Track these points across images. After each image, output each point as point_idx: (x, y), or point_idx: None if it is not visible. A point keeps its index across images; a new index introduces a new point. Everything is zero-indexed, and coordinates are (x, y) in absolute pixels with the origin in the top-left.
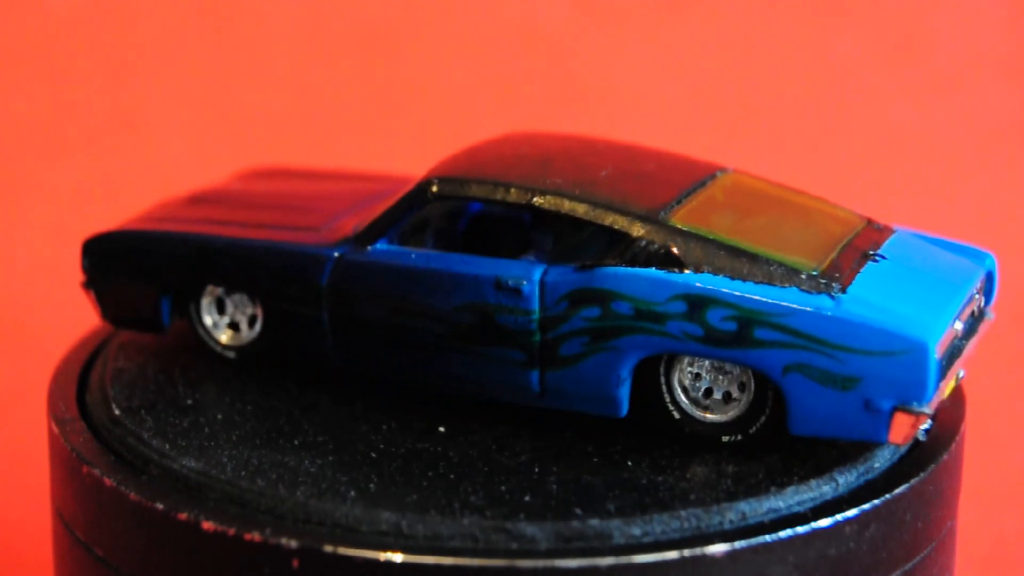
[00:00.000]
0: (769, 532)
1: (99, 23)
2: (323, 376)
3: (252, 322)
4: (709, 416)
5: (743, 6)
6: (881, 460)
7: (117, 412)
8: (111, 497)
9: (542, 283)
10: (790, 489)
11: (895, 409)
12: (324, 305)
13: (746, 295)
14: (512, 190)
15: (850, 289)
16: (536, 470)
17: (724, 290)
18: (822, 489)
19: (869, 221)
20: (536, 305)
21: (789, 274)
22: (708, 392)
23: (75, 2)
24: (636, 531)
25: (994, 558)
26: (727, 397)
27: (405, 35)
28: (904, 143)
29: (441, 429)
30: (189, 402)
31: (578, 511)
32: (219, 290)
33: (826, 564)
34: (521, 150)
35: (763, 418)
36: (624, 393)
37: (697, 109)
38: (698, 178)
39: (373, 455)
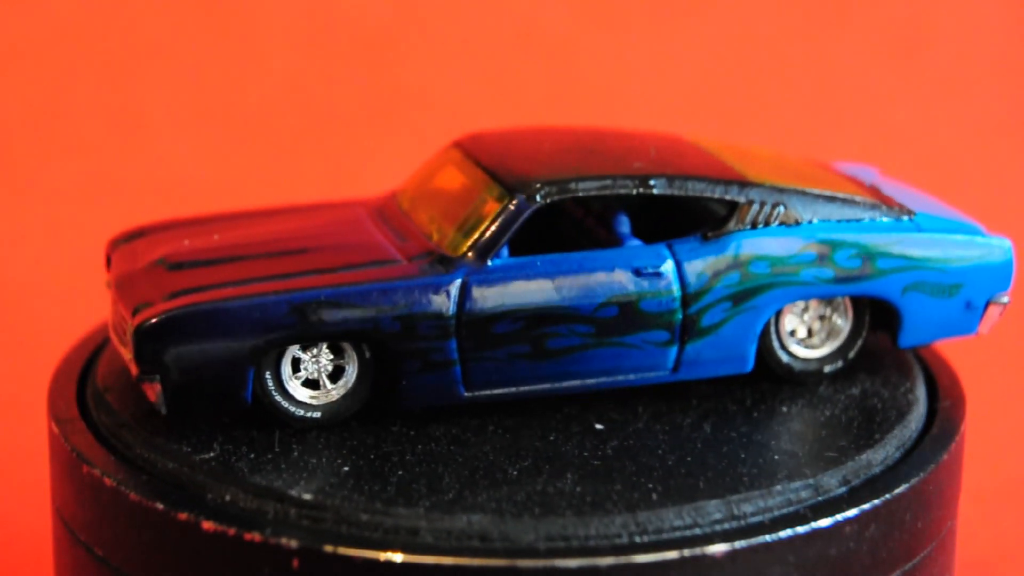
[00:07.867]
0: (769, 532)
1: (99, 23)
2: (415, 414)
3: (334, 376)
4: (814, 352)
5: (743, 6)
6: (881, 460)
7: (306, 497)
8: (111, 497)
9: (676, 261)
10: (915, 411)
11: (988, 303)
12: (453, 334)
13: (862, 232)
14: (622, 181)
15: (917, 213)
16: (733, 437)
17: (844, 232)
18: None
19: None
20: (677, 284)
21: (871, 208)
22: (793, 332)
23: (75, 2)
24: (867, 459)
25: (994, 558)
26: (809, 332)
27: (405, 35)
28: (904, 143)
29: (598, 426)
30: (346, 468)
31: (806, 471)
32: (296, 349)
33: (826, 564)
34: (543, 146)
35: (860, 342)
36: (754, 348)
37: (697, 109)
38: (699, 144)
39: (596, 463)
